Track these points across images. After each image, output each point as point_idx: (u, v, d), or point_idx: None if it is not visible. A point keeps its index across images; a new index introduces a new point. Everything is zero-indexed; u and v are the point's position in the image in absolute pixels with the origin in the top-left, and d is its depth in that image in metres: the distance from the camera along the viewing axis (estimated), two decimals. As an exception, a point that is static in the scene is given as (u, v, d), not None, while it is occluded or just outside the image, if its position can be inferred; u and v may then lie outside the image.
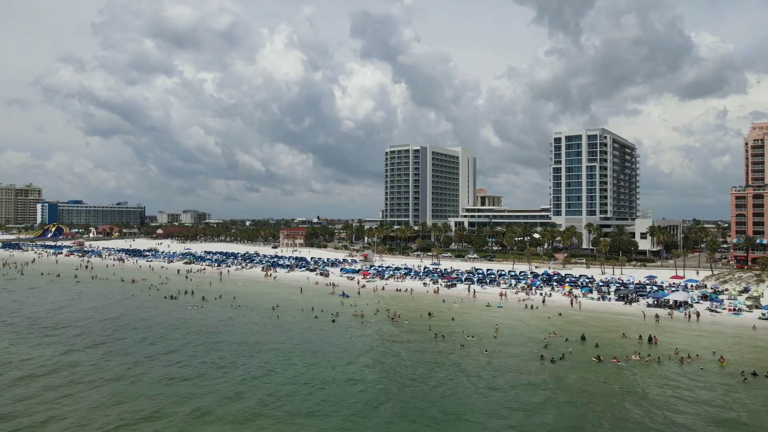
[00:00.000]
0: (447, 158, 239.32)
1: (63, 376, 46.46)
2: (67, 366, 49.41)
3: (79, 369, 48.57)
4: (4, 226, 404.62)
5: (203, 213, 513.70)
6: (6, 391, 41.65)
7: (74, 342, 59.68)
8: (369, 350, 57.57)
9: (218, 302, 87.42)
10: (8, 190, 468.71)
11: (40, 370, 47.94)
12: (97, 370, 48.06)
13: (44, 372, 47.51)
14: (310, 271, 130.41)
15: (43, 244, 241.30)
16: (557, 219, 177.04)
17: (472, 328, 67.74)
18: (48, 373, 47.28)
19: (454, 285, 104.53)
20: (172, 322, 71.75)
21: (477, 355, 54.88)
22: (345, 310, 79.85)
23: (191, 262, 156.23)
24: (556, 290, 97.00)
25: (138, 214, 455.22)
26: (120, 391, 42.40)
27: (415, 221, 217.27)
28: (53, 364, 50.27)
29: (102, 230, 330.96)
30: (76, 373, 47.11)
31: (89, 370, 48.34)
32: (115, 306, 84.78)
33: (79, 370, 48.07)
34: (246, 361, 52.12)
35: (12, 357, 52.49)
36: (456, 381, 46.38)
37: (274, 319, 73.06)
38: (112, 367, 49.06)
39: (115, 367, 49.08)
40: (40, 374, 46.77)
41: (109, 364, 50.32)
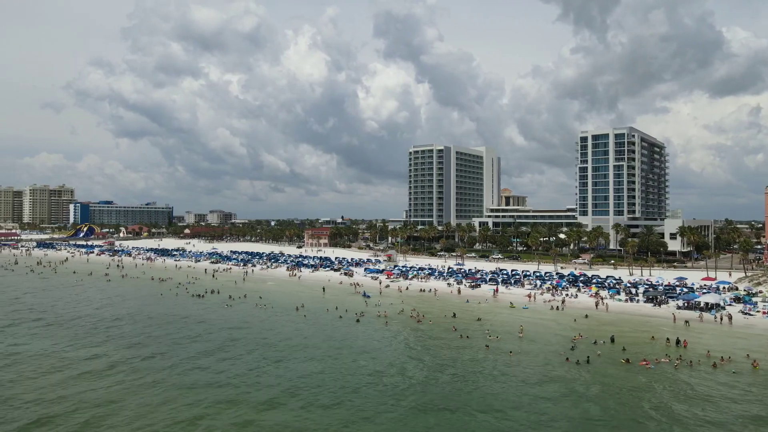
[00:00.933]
0: (471, 158, 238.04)
1: (104, 374, 47.15)
2: (108, 365, 50.16)
3: (121, 368, 49.18)
4: (38, 226, 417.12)
5: (229, 213, 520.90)
6: (49, 391, 42.31)
7: (113, 340, 60.88)
8: (393, 350, 57.72)
9: (244, 301, 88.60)
10: (42, 191, 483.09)
11: (81, 369, 48.70)
12: (140, 369, 48.69)
13: (85, 370, 48.25)
14: (334, 271, 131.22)
15: (75, 244, 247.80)
16: (583, 219, 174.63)
17: (496, 328, 67.34)
18: (88, 371, 48.01)
19: (479, 285, 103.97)
20: (203, 321, 72.93)
21: (501, 355, 54.55)
22: (369, 310, 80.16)
23: (217, 262, 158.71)
24: (582, 291, 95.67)
25: (166, 214, 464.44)
26: (163, 390, 42.84)
27: (438, 221, 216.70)
28: (93, 362, 51.14)
29: (131, 230, 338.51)
30: (117, 373, 47.69)
31: (133, 368, 49.04)
32: (146, 305, 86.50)
33: (121, 369, 48.74)
34: (274, 360, 52.69)
35: (52, 356, 53.63)
36: (480, 381, 46.18)
37: (300, 319, 73.77)
38: (153, 367, 49.57)
39: (156, 366, 49.73)
40: (82, 373, 47.44)
41: (149, 363, 50.94)
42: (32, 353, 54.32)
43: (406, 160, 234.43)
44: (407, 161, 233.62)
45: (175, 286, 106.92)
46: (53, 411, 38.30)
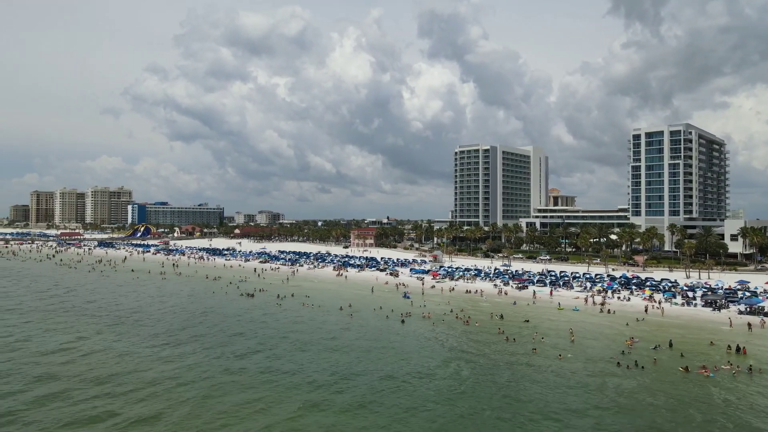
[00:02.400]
0: (518, 157, 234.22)
1: (167, 370, 48.69)
2: (171, 361, 51.83)
3: (181, 365, 50.54)
4: (99, 225, 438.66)
5: (277, 213, 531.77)
6: (116, 387, 43.84)
7: (176, 337, 63.02)
8: (441, 352, 57.61)
9: (291, 300, 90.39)
10: (103, 193, 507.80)
11: (145, 365, 50.50)
12: (200, 366, 49.98)
13: (148, 366, 49.98)
14: (380, 271, 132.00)
15: (133, 243, 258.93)
16: (636, 220, 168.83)
17: (544, 331, 66.21)
18: (151, 367, 49.72)
19: (526, 287, 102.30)
20: (255, 319, 74.92)
21: (550, 358, 53.62)
22: (415, 310, 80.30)
23: (266, 261, 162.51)
24: (635, 294, 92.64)
25: (217, 215, 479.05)
26: (224, 387, 43.80)
27: (485, 222, 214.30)
28: (157, 358, 53.06)
29: (185, 230, 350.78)
30: (179, 368, 49.01)
31: (193, 365, 50.29)
32: (202, 303, 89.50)
33: (181, 366, 50.13)
34: (323, 360, 53.61)
35: (118, 352, 56.01)
36: (527, 384, 45.57)
37: (347, 318, 74.71)
38: (215, 363, 50.92)
39: (216, 364, 50.97)
40: (145, 369, 49.16)
41: (211, 360, 52.34)
42: (102, 350, 57.16)
43: (452, 160, 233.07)
44: (453, 161, 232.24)
45: (226, 285, 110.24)
46: (119, 406, 40.07)
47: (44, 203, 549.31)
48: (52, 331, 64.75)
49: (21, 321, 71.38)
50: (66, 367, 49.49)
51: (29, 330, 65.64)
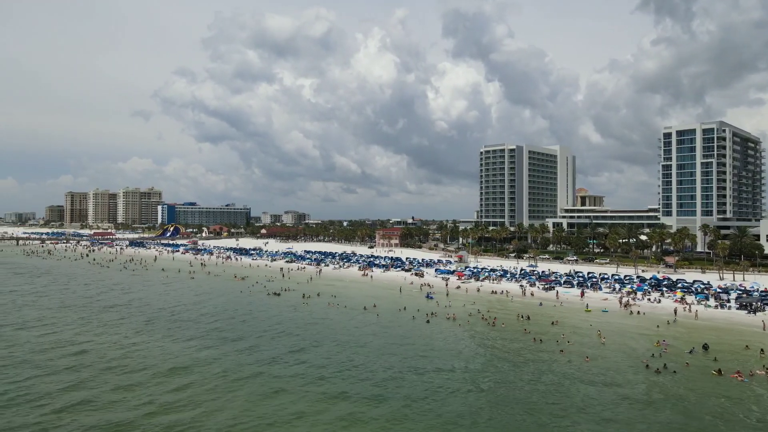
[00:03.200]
0: (544, 157, 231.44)
1: (208, 370, 48.83)
2: (203, 362, 52.08)
3: (215, 365, 50.59)
4: (131, 225, 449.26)
5: (303, 213, 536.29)
6: (154, 387, 44.24)
7: (209, 337, 63.63)
8: (465, 352, 57.49)
9: (318, 300, 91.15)
10: (134, 193, 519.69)
11: (181, 365, 50.95)
12: (236, 366, 50.19)
13: (185, 367, 50.28)
14: (405, 271, 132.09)
15: (163, 243, 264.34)
16: (667, 220, 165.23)
17: (571, 332, 65.46)
18: (188, 368, 50.03)
19: (552, 288, 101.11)
20: (284, 318, 75.87)
21: (577, 360, 53.00)
22: (440, 311, 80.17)
23: (292, 261, 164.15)
24: (666, 296, 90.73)
25: (244, 215, 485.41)
26: (265, 386, 44.34)
27: (510, 222, 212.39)
28: (192, 359, 53.39)
29: (213, 230, 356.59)
30: (214, 369, 49.14)
31: (228, 366, 50.32)
32: (231, 302, 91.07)
33: (222, 365, 50.41)
34: (350, 360, 54.03)
35: (155, 352, 56.53)
36: (554, 386, 45.16)
37: (373, 318, 75.05)
38: (249, 363, 51.26)
39: (256, 361, 51.61)
40: (182, 369, 49.54)
41: (248, 358, 52.83)
42: (138, 347, 58.67)
43: (477, 160, 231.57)
44: (478, 161, 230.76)
45: (252, 284, 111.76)
46: (163, 403, 40.78)
47: (78, 204, 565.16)
48: (87, 329, 66.68)
49: (60, 318, 73.68)
50: (103, 364, 50.87)
51: (66, 327, 67.71)
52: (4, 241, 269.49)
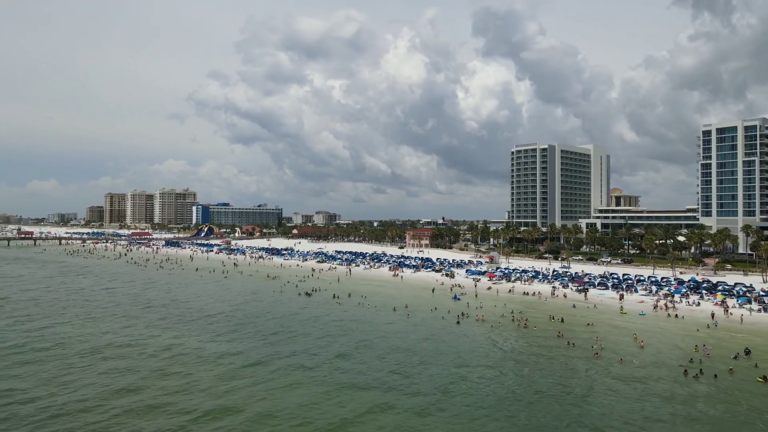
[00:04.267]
0: (577, 156, 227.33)
1: (244, 371, 49.01)
2: (247, 362, 51.89)
3: (259, 365, 50.89)
4: (166, 226, 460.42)
5: (334, 214, 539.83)
6: (193, 383, 44.90)
7: (242, 336, 64.47)
8: (497, 354, 57.06)
9: (348, 300, 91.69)
10: (170, 194, 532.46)
11: (218, 362, 51.51)
12: (281, 369, 49.99)
13: (221, 363, 50.90)
14: (435, 272, 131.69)
15: (197, 242, 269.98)
16: (706, 220, 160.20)
17: (607, 335, 64.20)
18: (224, 364, 50.73)
19: (586, 290, 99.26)
20: (317, 318, 76.60)
21: (612, 364, 51.98)
22: (471, 312, 79.65)
23: (323, 261, 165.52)
24: (705, 299, 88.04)
25: (276, 215, 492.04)
26: (305, 389, 44.04)
27: (542, 222, 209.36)
28: (229, 355, 54.15)
29: (245, 230, 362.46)
30: (258, 370, 49.30)
31: (273, 368, 49.96)
32: (263, 302, 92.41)
33: (259, 367, 50.43)
34: (380, 361, 54.23)
35: (202, 352, 56.83)
36: (589, 390, 44.43)
37: (403, 319, 75.14)
38: (282, 362, 51.75)
39: (293, 364, 51.39)
40: (219, 366, 50.06)
41: (286, 361, 52.72)
42: (167, 347, 60.13)
43: (508, 159, 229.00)
44: (509, 161, 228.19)
45: (284, 284, 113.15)
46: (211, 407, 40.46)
47: (117, 204, 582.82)
48: (131, 327, 68.73)
49: (107, 315, 76.16)
50: (147, 362, 52.23)
51: (112, 325, 69.95)
52: (48, 240, 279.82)
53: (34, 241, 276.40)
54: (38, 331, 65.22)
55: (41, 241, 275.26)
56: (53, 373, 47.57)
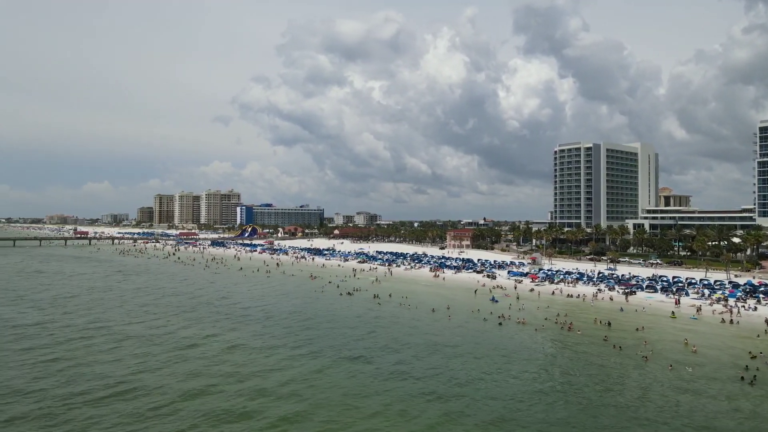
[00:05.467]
0: (623, 155, 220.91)
1: (295, 370, 49.07)
2: (305, 363, 51.62)
3: (304, 364, 51.13)
4: (212, 226, 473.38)
5: (375, 214, 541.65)
6: (249, 385, 44.78)
7: (301, 337, 64.28)
8: (540, 357, 56.27)
9: (389, 301, 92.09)
10: (215, 195, 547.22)
11: (270, 365, 51.14)
12: (324, 367, 50.19)
13: (275, 366, 50.45)
14: (477, 273, 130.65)
15: (241, 243, 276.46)
16: (764, 221, 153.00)
17: (656, 340, 62.32)
18: (279, 367, 50.31)
19: (633, 293, 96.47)
20: (360, 319, 77.19)
21: (662, 369, 50.46)
22: (513, 314, 78.74)
23: (364, 261, 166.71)
24: (763, 303, 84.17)
25: (317, 216, 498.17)
26: (362, 393, 43.58)
27: (587, 223, 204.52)
28: (280, 358, 54.06)
29: (288, 230, 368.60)
30: (304, 369, 49.36)
31: (330, 371, 49.38)
32: (306, 301, 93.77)
33: (305, 366, 50.28)
34: (422, 361, 54.37)
35: (257, 352, 57.70)
36: (641, 396, 43.28)
37: (445, 320, 75.02)
38: (332, 364, 51.54)
39: (332, 365, 51.41)
40: (274, 368, 49.64)
41: (327, 361, 52.96)
42: (239, 346, 61.74)
43: (551, 159, 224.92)
44: (552, 160, 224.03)
45: (326, 284, 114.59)
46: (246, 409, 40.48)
47: (165, 205, 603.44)
48: (187, 327, 71.02)
49: (164, 314, 79.18)
50: (206, 365, 52.91)
51: (171, 324, 72.69)
52: (102, 240, 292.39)
53: (89, 240, 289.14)
54: (103, 329, 67.13)
55: (95, 241, 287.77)
56: (132, 369, 48.85)
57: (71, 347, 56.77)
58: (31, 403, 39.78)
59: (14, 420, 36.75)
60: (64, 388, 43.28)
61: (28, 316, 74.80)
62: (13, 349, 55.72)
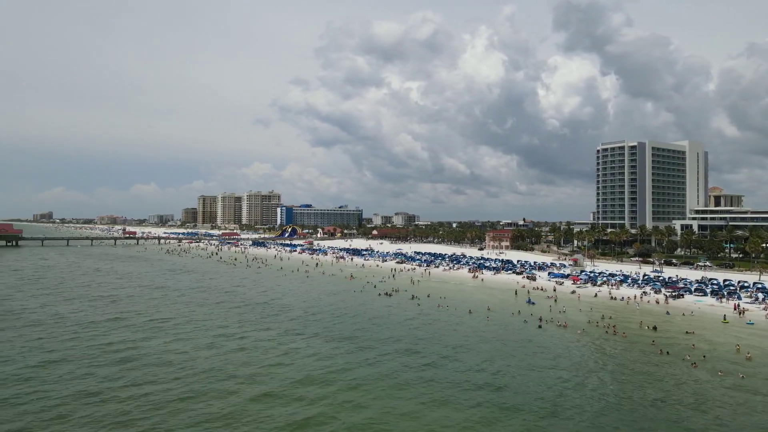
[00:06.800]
0: (670, 153, 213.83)
1: (355, 374, 48.65)
2: (358, 366, 51.32)
3: (368, 370, 50.58)
4: (253, 226, 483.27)
5: (413, 215, 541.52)
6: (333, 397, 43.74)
7: (350, 338, 63.95)
8: (584, 362, 55.11)
9: (428, 301, 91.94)
10: (256, 196, 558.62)
11: (339, 366, 50.92)
12: (392, 372, 49.19)
13: (345, 369, 50.07)
14: (516, 274, 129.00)
15: (281, 243, 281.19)
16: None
17: (707, 346, 60.16)
18: (328, 368, 50.37)
19: (681, 296, 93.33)
20: (400, 320, 77.46)
21: (710, 376, 48.74)
22: (554, 316, 77.46)
23: (402, 262, 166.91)
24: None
25: (356, 216, 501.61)
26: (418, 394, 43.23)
27: (631, 224, 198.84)
28: (322, 358, 54.13)
29: (327, 231, 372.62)
30: (355, 371, 49.32)
31: (383, 371, 49.16)
32: (346, 301, 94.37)
33: (371, 372, 49.37)
34: (455, 362, 54.29)
35: (310, 353, 57.21)
36: (695, 403, 41.98)
37: (484, 321, 74.49)
38: (377, 366, 51.61)
39: (376, 366, 51.65)
40: (341, 371, 49.33)
41: (372, 362, 52.84)
42: (291, 347, 62.99)
43: (593, 158, 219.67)
44: (594, 160, 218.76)
45: (364, 284, 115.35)
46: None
47: (209, 206, 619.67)
48: (241, 326, 73.03)
49: (214, 313, 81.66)
50: (271, 369, 54.07)
51: (222, 323, 74.88)
52: (149, 240, 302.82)
53: (136, 240, 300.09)
54: (161, 330, 68.71)
55: (143, 241, 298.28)
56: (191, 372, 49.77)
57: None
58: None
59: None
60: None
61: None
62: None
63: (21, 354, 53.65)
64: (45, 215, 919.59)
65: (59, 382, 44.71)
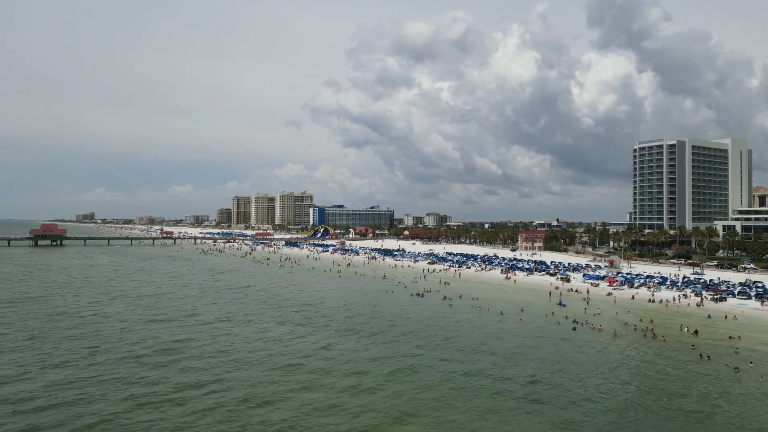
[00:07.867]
0: (711, 152, 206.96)
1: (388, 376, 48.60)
2: (409, 370, 50.74)
3: (420, 375, 50.34)
4: (286, 227, 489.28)
5: (444, 216, 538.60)
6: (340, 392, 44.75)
7: (391, 340, 64.11)
8: (621, 367, 54.09)
9: (460, 302, 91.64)
10: (289, 197, 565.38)
11: (388, 368, 50.82)
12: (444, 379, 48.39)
13: (394, 371, 50.10)
14: (550, 276, 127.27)
15: (314, 243, 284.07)
16: None
17: (749, 350, 58.30)
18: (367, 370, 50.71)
19: (724, 299, 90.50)
20: (434, 321, 77.56)
21: (754, 382, 47.26)
22: (588, 319, 76.16)
23: (434, 263, 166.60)
24: None
25: (387, 217, 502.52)
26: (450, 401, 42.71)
27: (670, 225, 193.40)
28: (364, 359, 54.74)
29: (359, 231, 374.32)
30: (393, 372, 49.50)
31: (432, 377, 48.25)
32: (378, 302, 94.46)
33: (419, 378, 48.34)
34: (493, 365, 54.10)
35: (351, 355, 57.77)
36: (737, 411, 40.89)
37: (517, 323, 73.90)
38: (411, 368, 51.32)
39: (410, 368, 51.57)
40: (391, 374, 49.37)
41: (407, 364, 52.77)
42: (332, 348, 64.09)
43: (629, 157, 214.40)
44: (630, 159, 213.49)
45: (396, 285, 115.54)
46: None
47: (243, 207, 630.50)
48: (281, 324, 74.48)
49: (256, 313, 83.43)
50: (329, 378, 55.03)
51: (261, 323, 76.54)
52: (185, 240, 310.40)
53: (173, 240, 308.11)
54: (207, 332, 69.23)
55: (180, 240, 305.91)
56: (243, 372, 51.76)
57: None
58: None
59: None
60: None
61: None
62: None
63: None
64: (87, 215, 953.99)
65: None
